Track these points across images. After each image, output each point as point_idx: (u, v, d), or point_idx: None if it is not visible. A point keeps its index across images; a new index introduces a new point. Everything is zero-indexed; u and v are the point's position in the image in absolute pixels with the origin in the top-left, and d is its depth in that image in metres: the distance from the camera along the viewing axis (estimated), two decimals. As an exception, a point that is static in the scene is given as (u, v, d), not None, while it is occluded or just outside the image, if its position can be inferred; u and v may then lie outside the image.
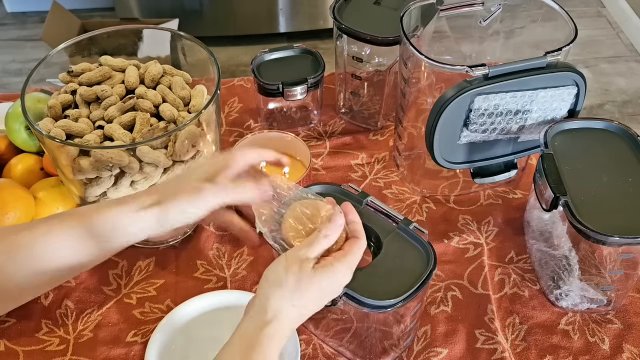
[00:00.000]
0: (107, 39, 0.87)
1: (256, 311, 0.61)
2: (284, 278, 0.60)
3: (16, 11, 2.72)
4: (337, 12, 0.96)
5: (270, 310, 0.60)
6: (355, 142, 1.03)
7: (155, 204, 0.64)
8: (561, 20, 0.83)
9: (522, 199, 0.95)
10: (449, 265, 0.86)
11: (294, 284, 0.60)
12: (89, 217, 0.65)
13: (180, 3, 2.36)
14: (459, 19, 0.91)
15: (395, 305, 0.65)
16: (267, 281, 0.61)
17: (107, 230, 0.65)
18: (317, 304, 0.63)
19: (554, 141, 0.79)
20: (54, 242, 0.66)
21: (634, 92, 2.34)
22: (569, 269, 0.77)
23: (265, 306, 0.60)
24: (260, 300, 0.61)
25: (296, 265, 0.61)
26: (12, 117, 0.91)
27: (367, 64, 0.99)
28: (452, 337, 0.78)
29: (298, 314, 0.61)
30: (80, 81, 0.83)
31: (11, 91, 2.19)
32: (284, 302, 0.60)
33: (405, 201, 0.95)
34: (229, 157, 0.67)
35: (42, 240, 0.66)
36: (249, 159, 0.68)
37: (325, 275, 0.61)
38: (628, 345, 0.78)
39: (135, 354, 0.77)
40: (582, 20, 2.66)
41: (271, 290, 0.60)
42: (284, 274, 0.60)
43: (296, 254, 0.61)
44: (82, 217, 0.66)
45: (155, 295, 0.83)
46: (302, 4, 2.38)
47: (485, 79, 0.77)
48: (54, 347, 0.77)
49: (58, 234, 0.66)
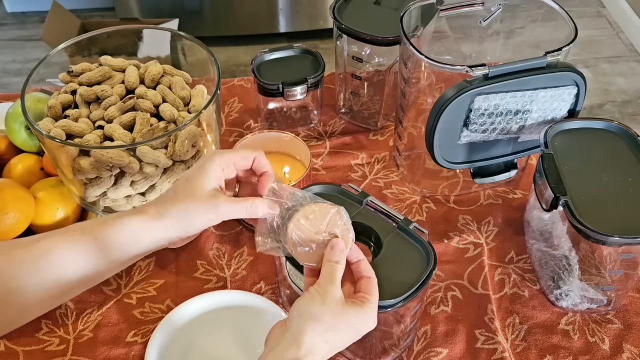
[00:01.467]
0: (107, 39, 0.87)
1: (286, 346, 0.58)
2: (320, 313, 0.58)
3: (16, 11, 2.72)
4: (337, 12, 0.96)
5: (304, 345, 0.57)
6: (355, 142, 1.03)
7: (164, 212, 0.66)
8: (561, 20, 0.83)
9: (522, 199, 0.95)
10: (449, 265, 0.86)
11: (330, 320, 0.59)
12: (99, 230, 0.66)
13: (180, 3, 2.36)
14: (459, 19, 0.91)
15: (395, 305, 0.65)
16: (299, 315, 0.59)
17: (120, 241, 0.66)
18: (345, 343, 0.61)
19: (554, 141, 0.79)
20: (60, 258, 0.66)
21: (634, 92, 2.34)
22: (569, 269, 0.77)
23: (298, 341, 0.57)
24: (291, 334, 0.58)
25: (331, 300, 0.59)
26: (12, 117, 0.91)
27: (367, 64, 0.99)
28: (452, 337, 0.78)
29: (328, 351, 0.59)
30: (80, 81, 0.83)
31: (11, 91, 2.19)
32: (318, 338, 0.58)
33: (405, 201, 0.95)
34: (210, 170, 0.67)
35: (45, 258, 0.66)
36: (227, 174, 0.68)
37: (358, 315, 0.60)
38: (628, 345, 0.78)
39: (135, 354, 0.77)
40: (582, 20, 2.66)
41: (306, 325, 0.58)
42: (321, 308, 0.59)
43: (327, 289, 0.60)
44: (91, 230, 0.67)
45: (155, 295, 0.83)
46: (302, 4, 2.38)
47: (485, 79, 0.77)
48: (54, 347, 0.77)
49: (63, 248, 0.67)
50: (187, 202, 0.65)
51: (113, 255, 0.67)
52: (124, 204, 0.79)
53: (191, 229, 0.66)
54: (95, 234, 0.67)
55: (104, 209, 0.81)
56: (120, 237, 0.66)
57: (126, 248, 0.67)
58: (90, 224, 0.68)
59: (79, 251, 0.67)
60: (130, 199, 0.79)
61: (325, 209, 0.65)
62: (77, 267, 0.67)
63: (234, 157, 0.67)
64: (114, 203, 0.80)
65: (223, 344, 0.77)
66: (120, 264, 0.69)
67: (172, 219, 0.65)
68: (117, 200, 0.79)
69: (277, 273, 0.80)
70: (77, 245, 0.67)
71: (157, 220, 0.66)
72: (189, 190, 0.65)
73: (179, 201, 0.65)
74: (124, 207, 0.79)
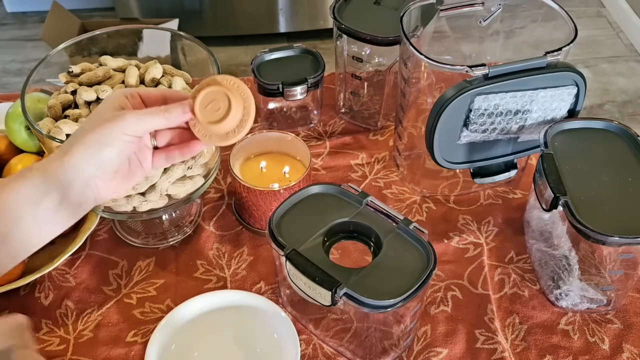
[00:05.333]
0: (107, 39, 0.87)
1: None
2: None
3: (16, 11, 2.72)
4: (337, 12, 0.96)
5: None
6: (355, 142, 1.03)
7: (68, 147, 0.57)
8: (561, 20, 0.83)
9: (522, 199, 0.95)
10: (449, 265, 0.86)
11: None
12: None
13: (180, 3, 2.36)
14: (459, 19, 0.91)
15: (395, 305, 0.65)
16: None
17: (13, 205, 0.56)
18: None
19: (554, 141, 0.79)
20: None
21: (633, 92, 2.34)
22: (568, 269, 0.78)
23: None
24: None
25: None
26: (12, 117, 0.91)
27: (367, 64, 0.99)
28: (452, 337, 0.78)
29: None
30: (81, 81, 0.83)
31: (11, 91, 2.19)
32: None
33: (405, 201, 0.95)
34: None
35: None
36: None
37: None
38: (628, 345, 0.78)
39: (135, 354, 0.77)
40: (582, 20, 2.66)
41: None
42: None
43: None
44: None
45: (155, 295, 0.83)
46: (302, 4, 2.38)
47: (485, 79, 0.77)
48: (54, 347, 0.77)
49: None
50: (92, 130, 0.57)
51: None
52: (124, 203, 0.79)
53: (105, 157, 0.57)
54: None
55: (104, 209, 0.81)
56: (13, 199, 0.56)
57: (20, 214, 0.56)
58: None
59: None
60: (130, 198, 0.79)
61: None
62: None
63: (139, 89, 0.63)
64: (114, 203, 0.80)
65: (223, 344, 0.77)
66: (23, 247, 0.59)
67: (79, 150, 0.57)
68: (117, 200, 0.79)
69: (277, 273, 0.80)
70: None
71: (60, 159, 0.57)
72: (92, 120, 0.59)
73: (84, 133, 0.58)
74: (124, 207, 0.79)
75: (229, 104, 0.61)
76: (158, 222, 0.91)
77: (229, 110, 0.61)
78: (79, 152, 0.57)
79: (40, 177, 0.57)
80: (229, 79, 0.62)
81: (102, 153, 0.57)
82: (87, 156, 0.57)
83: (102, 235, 0.90)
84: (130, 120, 0.58)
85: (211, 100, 0.61)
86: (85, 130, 0.58)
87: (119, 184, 0.61)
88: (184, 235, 0.90)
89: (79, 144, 0.57)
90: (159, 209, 0.80)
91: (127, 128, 0.58)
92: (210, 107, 0.61)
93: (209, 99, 0.61)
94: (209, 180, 0.83)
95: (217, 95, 0.61)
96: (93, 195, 0.59)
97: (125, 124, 0.57)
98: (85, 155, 0.57)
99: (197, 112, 0.61)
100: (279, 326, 0.76)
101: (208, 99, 0.61)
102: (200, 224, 0.91)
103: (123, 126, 0.57)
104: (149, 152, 0.63)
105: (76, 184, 0.57)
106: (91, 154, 0.57)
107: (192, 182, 0.80)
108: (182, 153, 0.64)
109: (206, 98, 0.61)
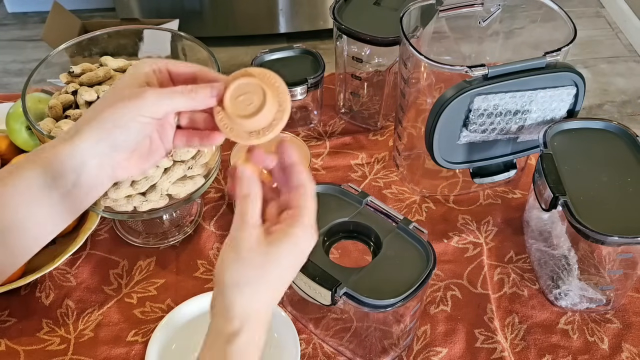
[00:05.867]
0: (108, 40, 0.87)
1: (220, 323, 0.50)
2: (237, 274, 0.49)
3: (17, 11, 2.72)
4: (337, 13, 0.96)
5: (236, 318, 0.49)
6: (355, 142, 1.04)
7: (78, 127, 0.51)
8: (560, 21, 0.83)
9: (522, 199, 0.95)
10: (449, 265, 0.86)
11: (255, 275, 0.49)
12: None
13: (180, 3, 2.36)
14: (458, 19, 0.91)
15: (395, 304, 0.65)
16: (222, 282, 0.49)
17: None
18: (286, 281, 0.51)
19: (553, 141, 0.80)
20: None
21: (633, 92, 2.34)
22: (568, 269, 0.78)
23: (229, 314, 0.49)
24: (220, 308, 0.50)
25: (247, 252, 0.49)
26: (13, 117, 0.91)
27: (367, 64, 0.99)
28: (452, 336, 0.78)
29: (269, 303, 0.50)
30: (81, 81, 0.83)
31: (12, 91, 2.19)
32: (248, 302, 0.49)
33: (405, 201, 0.95)
34: None
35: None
36: None
37: (289, 246, 0.49)
38: (627, 344, 0.78)
39: (135, 354, 0.77)
40: (581, 20, 2.66)
41: (231, 295, 0.49)
42: (237, 267, 0.49)
43: (239, 238, 0.49)
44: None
45: (156, 295, 0.83)
46: (302, 4, 2.38)
47: (484, 79, 0.77)
48: (55, 347, 0.78)
49: None
50: (107, 109, 0.51)
51: None
52: (124, 203, 0.79)
53: (120, 140, 0.51)
54: None
55: (105, 209, 0.81)
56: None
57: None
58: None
59: None
60: (130, 198, 0.79)
61: None
62: None
63: (169, 63, 0.55)
64: (114, 203, 0.80)
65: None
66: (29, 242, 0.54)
67: (90, 131, 0.50)
68: (117, 200, 0.79)
69: (277, 273, 0.80)
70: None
71: (71, 140, 0.51)
72: (110, 96, 0.52)
73: (99, 111, 0.51)
74: (125, 207, 0.79)
75: (263, 101, 0.53)
76: (159, 221, 0.91)
77: (261, 108, 0.53)
78: (90, 134, 0.51)
79: (49, 161, 0.51)
80: (271, 76, 0.55)
81: (116, 135, 0.51)
82: (99, 138, 0.51)
83: (102, 235, 0.90)
84: (149, 101, 0.51)
85: (244, 92, 0.53)
86: (100, 108, 0.51)
87: (138, 163, 0.55)
88: (184, 235, 0.90)
89: (92, 124, 0.51)
90: (160, 209, 0.80)
91: (145, 109, 0.51)
92: (243, 99, 0.53)
93: (242, 90, 0.53)
94: (210, 180, 0.83)
95: (253, 88, 0.53)
96: (107, 176, 0.53)
97: (143, 104, 0.51)
98: (98, 137, 0.51)
99: (227, 100, 0.53)
100: (279, 325, 0.76)
101: (241, 90, 0.53)
102: (200, 224, 0.91)
103: (141, 107, 0.51)
104: (171, 131, 0.56)
105: (89, 166, 0.51)
106: (104, 136, 0.51)
107: (192, 182, 0.80)
108: (202, 142, 0.56)
109: (240, 89, 0.53)
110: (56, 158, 0.51)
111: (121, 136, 0.51)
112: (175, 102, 0.51)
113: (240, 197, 0.50)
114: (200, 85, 0.53)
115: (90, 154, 0.51)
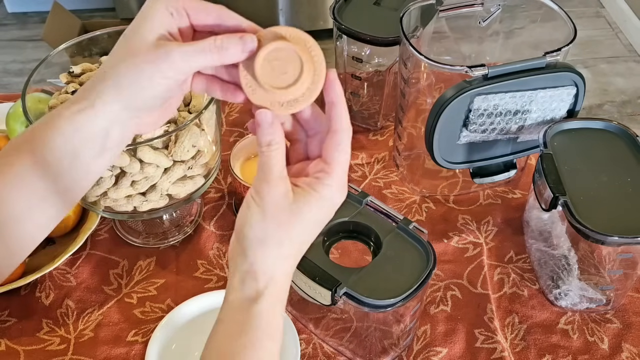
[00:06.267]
0: (108, 39, 0.87)
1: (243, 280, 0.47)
2: (263, 231, 0.47)
3: (17, 11, 2.72)
4: (337, 13, 0.96)
5: (262, 276, 0.47)
6: (355, 142, 1.04)
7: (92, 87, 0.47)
8: (560, 21, 0.83)
9: (522, 199, 0.95)
10: (449, 265, 0.86)
11: (279, 232, 0.47)
12: None
13: (180, 3, 2.36)
14: (458, 19, 0.91)
15: (395, 304, 0.65)
16: (245, 238, 0.47)
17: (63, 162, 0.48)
18: (312, 236, 0.50)
19: (553, 141, 0.80)
20: None
21: (633, 92, 2.34)
22: (568, 269, 0.78)
23: (253, 272, 0.47)
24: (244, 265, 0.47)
25: (272, 207, 0.46)
26: (13, 117, 0.91)
27: (367, 64, 0.99)
28: (452, 336, 0.78)
29: (293, 261, 0.49)
30: (81, 81, 0.83)
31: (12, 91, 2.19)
32: (272, 260, 0.47)
33: (404, 201, 0.95)
34: None
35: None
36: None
37: (313, 207, 0.47)
38: (627, 344, 0.78)
39: (135, 354, 0.77)
40: (581, 20, 2.66)
41: (255, 252, 0.47)
42: (262, 225, 0.47)
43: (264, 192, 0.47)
44: None
45: (156, 295, 0.83)
46: (302, 4, 2.38)
47: (484, 79, 0.77)
48: (55, 347, 0.78)
49: None
50: (126, 63, 0.47)
51: None
52: (124, 203, 0.79)
53: (141, 101, 0.48)
54: None
55: (105, 209, 0.81)
56: None
57: None
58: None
59: None
60: (130, 198, 0.79)
61: None
62: None
63: (186, 2, 0.49)
64: (114, 203, 0.80)
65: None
66: None
67: (110, 96, 0.47)
68: (117, 200, 0.79)
69: (277, 273, 0.80)
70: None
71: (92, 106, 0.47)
72: (126, 48, 0.48)
73: (115, 64, 0.48)
74: (125, 207, 0.79)
75: (300, 73, 0.48)
76: (159, 221, 0.91)
77: (297, 81, 0.48)
78: (111, 98, 0.47)
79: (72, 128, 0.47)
80: (310, 44, 0.49)
81: (138, 99, 0.47)
82: (121, 102, 0.47)
83: (102, 235, 0.90)
84: (174, 61, 0.46)
85: (278, 58, 0.48)
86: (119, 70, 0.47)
87: (159, 119, 0.52)
88: (184, 235, 0.90)
89: (111, 88, 0.47)
90: (160, 209, 0.80)
91: (169, 70, 0.46)
92: (276, 66, 0.48)
93: (275, 56, 0.48)
94: (210, 180, 0.83)
95: (289, 56, 0.48)
96: (132, 134, 0.50)
97: (167, 66, 0.46)
98: (119, 101, 0.47)
99: (259, 67, 0.48)
100: (279, 326, 0.76)
101: (275, 55, 0.48)
102: (200, 224, 0.91)
103: (164, 68, 0.46)
104: (190, 78, 0.51)
105: (114, 130, 0.48)
106: (126, 100, 0.47)
107: (192, 182, 0.80)
108: (224, 95, 0.52)
109: (274, 54, 0.48)
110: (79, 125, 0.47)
111: (142, 100, 0.47)
112: (203, 60, 0.47)
113: (262, 145, 0.47)
114: (230, 38, 0.48)
115: (114, 119, 0.47)
